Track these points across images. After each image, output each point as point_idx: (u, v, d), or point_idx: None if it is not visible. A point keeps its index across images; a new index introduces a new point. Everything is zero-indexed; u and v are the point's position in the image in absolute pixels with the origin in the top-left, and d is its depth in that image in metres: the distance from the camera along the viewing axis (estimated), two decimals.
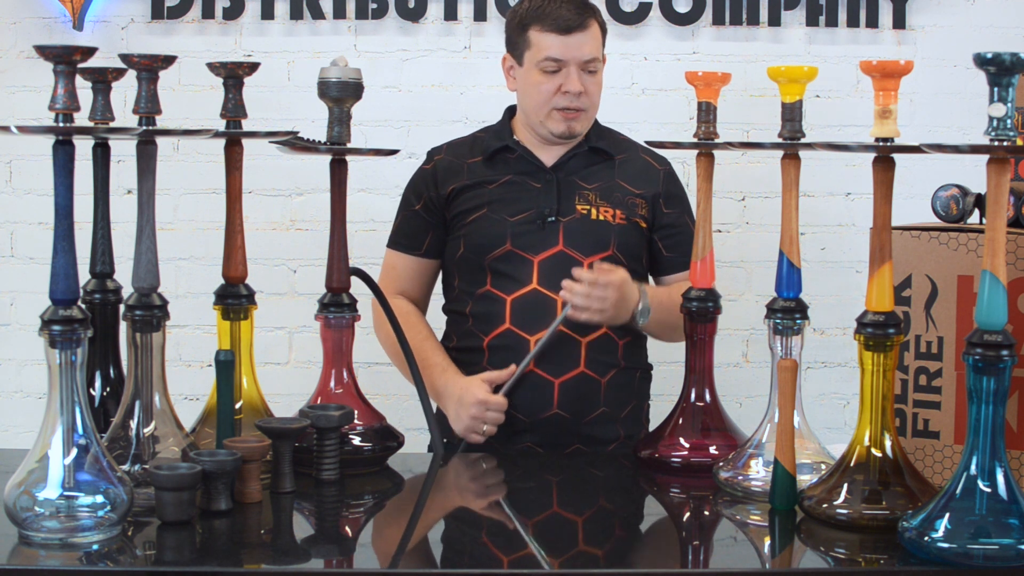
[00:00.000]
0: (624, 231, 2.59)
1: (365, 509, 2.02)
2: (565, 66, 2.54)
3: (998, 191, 1.65)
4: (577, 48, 2.53)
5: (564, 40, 2.53)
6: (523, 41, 2.59)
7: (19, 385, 3.64)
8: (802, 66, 1.96)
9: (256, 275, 2.13)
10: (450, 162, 2.68)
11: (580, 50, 2.54)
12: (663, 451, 2.14)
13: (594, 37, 2.56)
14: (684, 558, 1.84)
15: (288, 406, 2.27)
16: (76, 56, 1.71)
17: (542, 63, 2.55)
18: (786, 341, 1.96)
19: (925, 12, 3.54)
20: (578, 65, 2.54)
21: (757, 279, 3.58)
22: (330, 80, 2.10)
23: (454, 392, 2.52)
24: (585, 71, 2.56)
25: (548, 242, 2.57)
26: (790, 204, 1.98)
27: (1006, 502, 1.64)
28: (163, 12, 3.52)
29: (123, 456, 1.84)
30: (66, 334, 1.71)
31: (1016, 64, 1.60)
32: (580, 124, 2.59)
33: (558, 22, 2.53)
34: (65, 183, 1.73)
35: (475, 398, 2.47)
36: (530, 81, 2.59)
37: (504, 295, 2.56)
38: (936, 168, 2.97)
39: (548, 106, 2.57)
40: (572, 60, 2.54)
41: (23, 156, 3.56)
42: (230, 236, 2.06)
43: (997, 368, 1.64)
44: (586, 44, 2.54)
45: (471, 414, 2.48)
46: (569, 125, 2.58)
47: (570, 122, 2.58)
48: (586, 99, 2.57)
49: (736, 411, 2.26)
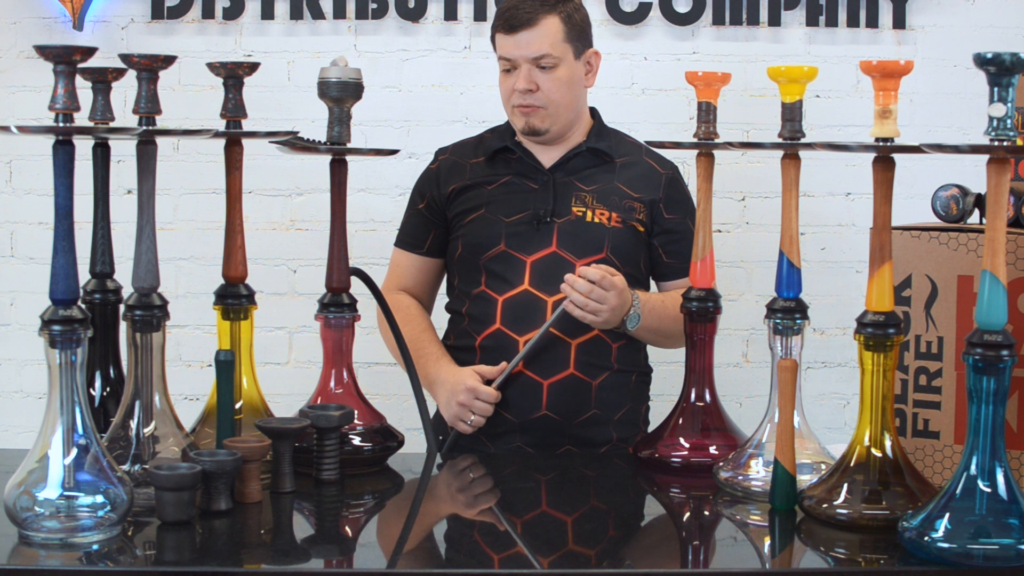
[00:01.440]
0: (619, 234, 2.59)
1: (365, 509, 2.02)
2: (516, 64, 2.57)
3: (998, 191, 1.65)
4: (525, 45, 2.55)
5: (512, 39, 2.56)
6: (494, 43, 2.64)
7: (19, 385, 3.64)
8: (802, 66, 1.96)
9: (256, 275, 2.13)
10: (453, 162, 2.70)
11: (527, 48, 2.55)
12: (663, 451, 2.14)
13: (545, 33, 2.56)
14: (684, 558, 1.84)
15: (288, 406, 2.27)
16: (76, 56, 1.71)
17: (500, 62, 2.61)
18: (786, 341, 1.96)
19: (925, 12, 3.54)
20: (527, 62, 2.56)
21: (757, 279, 3.58)
22: (330, 80, 2.10)
23: (446, 379, 2.53)
24: (537, 68, 2.56)
25: (542, 243, 2.57)
26: (790, 204, 1.98)
27: (1006, 502, 1.64)
28: (163, 12, 3.52)
29: (123, 456, 1.84)
30: (66, 334, 1.71)
31: (1016, 64, 1.60)
32: (539, 120, 2.59)
33: (507, 22, 2.56)
34: (65, 183, 1.73)
35: (465, 386, 2.49)
36: (499, 81, 2.64)
37: (496, 295, 2.57)
38: (936, 168, 2.97)
39: (509, 104, 2.62)
40: (520, 58, 2.56)
41: (23, 156, 3.56)
42: (230, 236, 2.06)
43: (997, 368, 1.64)
44: (534, 42, 2.55)
45: (459, 400, 2.49)
46: (527, 121, 2.60)
47: (527, 118, 2.59)
48: (541, 96, 2.58)
49: (736, 411, 2.26)
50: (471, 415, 2.49)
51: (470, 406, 2.49)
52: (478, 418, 2.50)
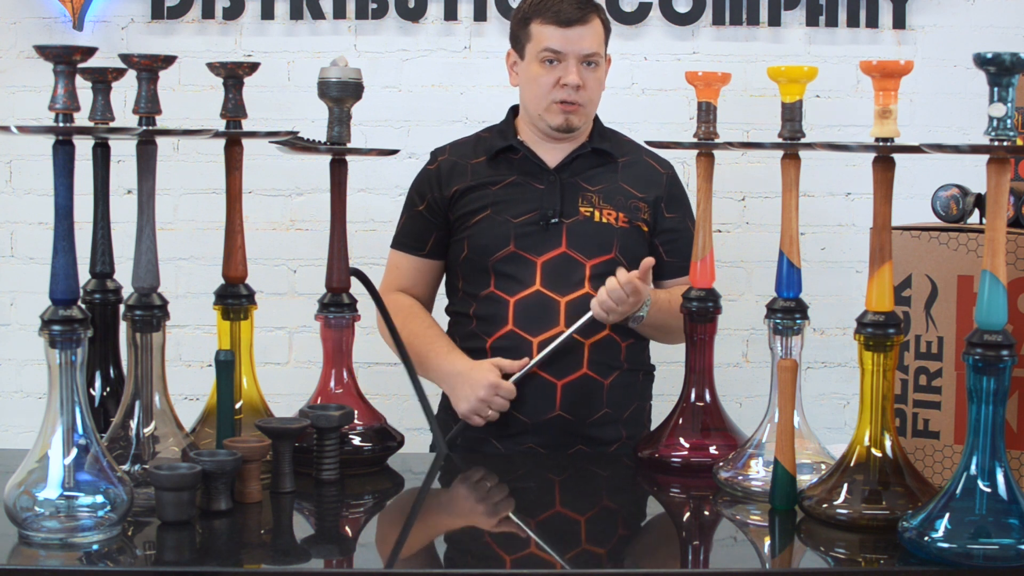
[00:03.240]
0: (626, 234, 2.59)
1: (365, 509, 2.02)
2: (564, 58, 2.56)
3: (998, 191, 1.65)
4: (577, 41, 2.55)
5: (564, 32, 2.55)
6: (525, 34, 2.61)
7: (19, 385, 3.64)
8: (802, 66, 1.96)
9: (256, 275, 2.13)
10: (454, 163, 2.68)
11: (580, 43, 2.55)
12: (663, 451, 2.14)
13: (595, 32, 2.57)
14: (684, 558, 1.84)
15: (288, 406, 2.27)
16: (76, 56, 1.71)
17: (542, 54, 2.57)
18: (786, 341, 1.96)
19: (925, 12, 3.54)
20: (577, 58, 2.55)
21: (757, 279, 3.58)
22: (330, 80, 2.10)
23: (464, 371, 2.52)
24: (585, 66, 2.56)
25: (551, 243, 2.57)
26: (790, 204, 1.98)
27: (1006, 502, 1.64)
28: (163, 12, 3.52)
29: (123, 456, 1.84)
30: (66, 334, 1.71)
31: (1016, 64, 1.60)
32: (578, 118, 2.60)
33: (559, 14, 2.55)
34: (65, 183, 1.73)
35: (487, 381, 2.48)
36: (530, 74, 2.60)
37: (507, 296, 2.56)
38: (936, 168, 2.97)
39: (547, 99, 2.58)
40: (571, 53, 2.55)
41: (23, 156, 3.56)
42: (230, 236, 2.06)
43: (997, 368, 1.64)
44: (586, 38, 2.55)
45: (480, 396, 2.48)
46: (567, 118, 2.59)
47: (568, 115, 2.58)
48: (584, 94, 2.58)
49: (736, 411, 2.26)
50: (489, 411, 2.49)
51: (490, 402, 2.48)
52: (494, 413, 2.50)
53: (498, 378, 2.49)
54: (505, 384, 2.48)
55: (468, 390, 2.50)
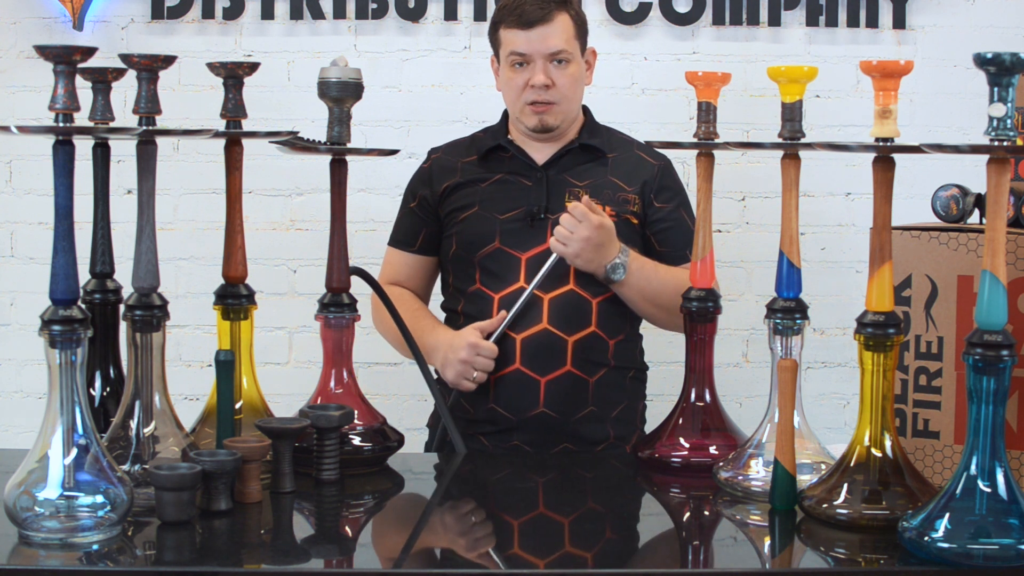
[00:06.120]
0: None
1: (365, 509, 2.02)
2: (531, 60, 2.58)
3: (998, 191, 1.65)
4: (540, 41, 2.56)
5: (527, 34, 2.57)
6: (496, 40, 2.65)
7: (19, 385, 3.64)
8: (802, 66, 1.96)
9: (256, 275, 2.13)
10: (446, 161, 2.71)
11: (544, 43, 2.56)
12: (663, 451, 2.14)
13: (561, 29, 2.58)
14: (684, 558, 1.84)
15: (288, 406, 2.27)
16: (76, 56, 1.70)
17: (510, 58, 2.60)
18: (786, 341, 1.96)
19: (925, 12, 3.54)
20: (544, 58, 2.57)
21: (757, 279, 3.58)
22: (330, 80, 2.10)
23: (444, 340, 2.55)
24: (555, 64, 2.57)
25: (536, 239, 2.58)
26: (790, 204, 1.98)
27: (1006, 502, 1.63)
28: (163, 12, 3.52)
29: (123, 456, 1.84)
30: (66, 334, 1.70)
31: (1016, 64, 1.60)
32: (552, 117, 2.61)
33: (520, 17, 2.57)
34: (65, 183, 1.73)
35: (465, 342, 2.50)
36: (505, 78, 2.64)
37: (492, 293, 2.57)
38: (936, 168, 2.97)
39: (520, 101, 2.61)
40: (536, 53, 2.57)
41: (23, 156, 3.56)
42: (230, 236, 2.06)
43: (997, 368, 1.64)
44: (551, 36, 2.56)
45: (460, 358, 2.50)
46: (540, 119, 2.60)
47: (540, 115, 2.60)
48: (555, 92, 2.59)
49: (736, 411, 2.25)
50: (474, 372, 2.50)
51: (472, 362, 2.50)
52: (481, 374, 2.51)
53: (478, 339, 2.50)
54: (484, 343, 2.50)
55: (451, 355, 2.52)
